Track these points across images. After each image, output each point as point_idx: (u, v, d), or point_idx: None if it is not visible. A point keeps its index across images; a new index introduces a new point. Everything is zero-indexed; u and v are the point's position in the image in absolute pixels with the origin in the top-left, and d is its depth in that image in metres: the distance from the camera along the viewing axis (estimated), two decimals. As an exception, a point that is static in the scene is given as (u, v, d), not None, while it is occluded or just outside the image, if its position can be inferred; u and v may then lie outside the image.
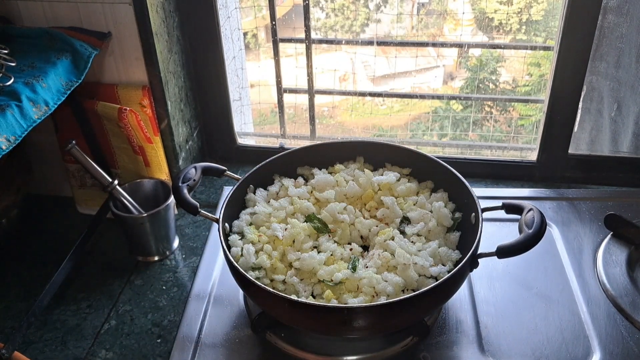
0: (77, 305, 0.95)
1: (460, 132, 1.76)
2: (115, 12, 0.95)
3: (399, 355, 0.83)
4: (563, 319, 0.88)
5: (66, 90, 0.86)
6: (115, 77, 1.02)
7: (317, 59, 1.22)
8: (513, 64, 2.19)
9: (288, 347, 0.85)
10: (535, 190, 1.15)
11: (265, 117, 1.93)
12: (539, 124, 1.18)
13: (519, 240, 0.74)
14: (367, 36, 2.33)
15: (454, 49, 1.87)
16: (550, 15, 1.35)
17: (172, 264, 1.03)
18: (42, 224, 1.13)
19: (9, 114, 0.76)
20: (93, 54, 0.92)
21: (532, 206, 0.78)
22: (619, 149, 1.16)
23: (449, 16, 1.54)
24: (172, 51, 1.06)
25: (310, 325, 0.78)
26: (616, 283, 0.92)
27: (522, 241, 0.74)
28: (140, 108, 1.01)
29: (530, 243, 0.74)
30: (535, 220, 0.75)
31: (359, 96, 1.34)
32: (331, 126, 1.73)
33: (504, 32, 1.53)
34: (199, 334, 0.88)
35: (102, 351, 0.87)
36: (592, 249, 0.99)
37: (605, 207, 1.07)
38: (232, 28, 1.20)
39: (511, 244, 0.75)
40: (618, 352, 0.82)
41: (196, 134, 1.22)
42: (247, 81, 1.34)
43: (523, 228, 0.76)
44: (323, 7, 2.00)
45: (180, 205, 0.80)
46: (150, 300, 0.95)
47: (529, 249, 0.74)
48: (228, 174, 0.90)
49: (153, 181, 1.05)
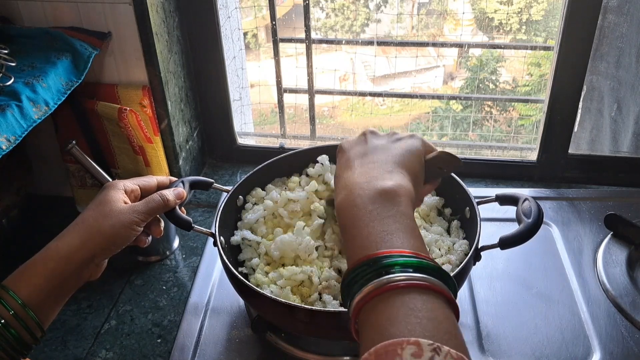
0: (77, 305, 0.95)
1: (460, 132, 1.76)
2: (115, 12, 0.95)
3: (399, 355, 0.83)
4: (563, 318, 0.88)
5: (66, 90, 0.86)
6: (115, 77, 1.02)
7: (317, 59, 1.22)
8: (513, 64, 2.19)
9: (288, 347, 0.85)
10: (535, 190, 1.15)
11: (265, 117, 1.93)
12: (539, 124, 1.18)
13: (521, 230, 0.74)
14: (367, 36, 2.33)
15: (454, 49, 1.87)
16: (550, 15, 1.35)
17: (172, 264, 1.03)
18: (42, 224, 1.13)
19: (9, 114, 0.76)
20: (93, 54, 0.92)
21: (527, 196, 0.78)
22: (619, 149, 1.16)
23: (449, 16, 1.55)
24: (172, 51, 1.06)
25: (316, 332, 0.77)
26: (616, 283, 0.92)
27: (524, 230, 0.74)
28: (140, 108, 1.01)
29: (531, 231, 0.74)
30: (533, 209, 0.75)
31: (359, 96, 1.34)
32: (331, 126, 1.73)
33: (504, 32, 1.53)
34: (199, 334, 0.88)
35: (102, 351, 0.87)
36: (592, 249, 1.00)
37: (605, 207, 1.07)
38: (232, 28, 1.20)
39: (513, 234, 0.75)
40: (618, 352, 0.82)
41: (196, 134, 1.22)
42: (247, 81, 1.34)
43: (522, 218, 0.76)
44: (323, 7, 2.01)
45: (172, 222, 0.79)
46: (151, 300, 0.95)
47: (531, 237, 0.74)
48: (216, 186, 0.89)
49: (153, 181, 1.05)
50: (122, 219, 0.69)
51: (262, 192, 0.94)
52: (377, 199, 0.56)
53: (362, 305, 0.48)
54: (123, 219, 0.69)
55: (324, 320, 0.73)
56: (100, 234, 0.68)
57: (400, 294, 0.47)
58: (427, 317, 0.45)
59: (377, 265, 0.49)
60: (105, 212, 0.69)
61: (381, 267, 0.48)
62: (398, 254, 0.50)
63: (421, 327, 0.44)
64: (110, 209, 0.70)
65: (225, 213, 0.88)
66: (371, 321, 0.47)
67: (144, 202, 0.73)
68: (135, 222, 0.70)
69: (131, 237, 0.71)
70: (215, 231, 0.83)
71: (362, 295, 0.48)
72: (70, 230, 0.68)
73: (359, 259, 0.51)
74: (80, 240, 0.67)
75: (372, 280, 0.48)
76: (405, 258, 0.49)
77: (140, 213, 0.71)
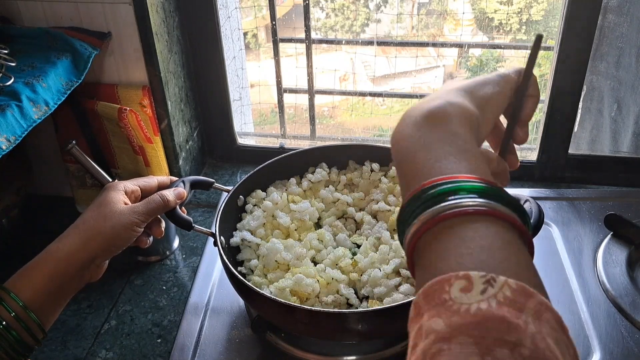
0: (77, 305, 0.95)
1: (460, 132, 1.76)
2: (115, 12, 0.95)
3: (399, 355, 0.83)
4: (563, 318, 0.87)
5: (66, 90, 0.86)
6: (115, 77, 1.02)
7: (317, 59, 1.22)
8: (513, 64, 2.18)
9: (288, 347, 0.85)
10: (535, 190, 1.15)
11: (265, 117, 1.93)
12: (539, 124, 1.18)
13: None
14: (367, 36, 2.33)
15: (454, 49, 1.87)
16: (550, 15, 1.35)
17: (172, 264, 1.03)
18: (42, 224, 1.13)
19: (9, 114, 0.76)
20: (93, 54, 0.92)
21: (527, 197, 0.79)
22: (619, 149, 1.16)
23: (449, 16, 1.54)
24: (172, 51, 1.06)
25: (315, 332, 0.78)
26: (616, 283, 0.92)
27: None
28: (140, 108, 1.01)
29: (534, 232, 0.74)
30: (533, 210, 0.75)
31: (359, 96, 1.34)
32: (331, 126, 1.73)
33: (504, 32, 1.53)
34: (199, 334, 0.88)
35: (102, 351, 0.87)
36: (592, 249, 0.99)
37: (605, 207, 1.07)
38: (232, 28, 1.20)
39: None
40: (618, 352, 0.82)
41: (196, 134, 1.22)
42: (247, 81, 1.34)
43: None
44: (323, 7, 2.01)
45: (173, 221, 0.79)
46: (151, 300, 0.95)
47: (533, 237, 0.74)
48: (216, 186, 0.89)
49: (153, 181, 1.05)
50: (123, 220, 0.69)
51: (262, 193, 0.94)
52: (423, 123, 0.49)
53: (415, 243, 0.43)
54: (123, 220, 0.69)
55: (324, 320, 0.73)
56: (100, 236, 0.68)
57: (449, 225, 0.41)
58: (479, 245, 0.39)
59: (423, 198, 0.43)
60: (106, 213, 0.69)
61: (428, 199, 0.42)
62: (447, 180, 0.43)
63: (472, 258, 0.38)
64: (111, 211, 0.70)
65: (226, 213, 0.88)
66: (422, 259, 0.42)
67: (144, 202, 0.73)
68: (135, 223, 0.70)
69: (132, 238, 0.71)
70: (216, 231, 0.83)
71: (411, 234, 0.43)
72: (71, 231, 0.68)
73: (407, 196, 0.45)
74: (80, 241, 0.67)
75: (419, 215, 0.42)
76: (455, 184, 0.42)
77: (141, 214, 0.71)
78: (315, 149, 1.00)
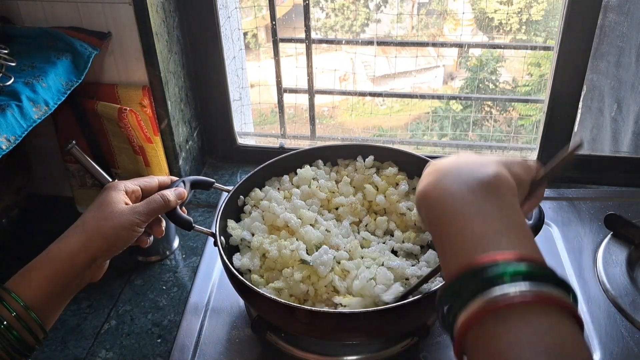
0: (77, 305, 0.95)
1: (460, 132, 1.76)
2: (115, 12, 0.95)
3: (399, 355, 0.83)
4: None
5: (66, 90, 0.86)
6: (115, 77, 1.02)
7: (317, 59, 1.22)
8: (513, 64, 2.19)
9: (288, 347, 0.85)
10: (536, 190, 1.15)
11: (265, 117, 1.94)
12: (539, 124, 1.18)
13: None
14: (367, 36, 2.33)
15: (454, 49, 1.87)
16: (550, 15, 1.35)
17: (172, 264, 1.03)
18: (42, 224, 1.13)
19: (9, 113, 0.76)
20: (93, 54, 0.92)
21: None
22: (619, 149, 1.16)
23: (449, 16, 1.55)
24: (172, 51, 1.06)
25: (315, 332, 0.77)
26: (616, 283, 0.92)
27: None
28: (140, 108, 1.01)
29: (534, 232, 0.74)
30: (534, 211, 0.75)
31: (359, 96, 1.34)
32: (331, 126, 1.73)
33: (504, 32, 1.53)
34: (199, 334, 0.88)
35: (102, 351, 0.87)
36: (592, 249, 0.99)
37: (605, 207, 1.07)
38: (232, 28, 1.20)
39: None
40: (618, 352, 0.82)
41: (196, 134, 1.22)
42: (247, 81, 1.34)
43: None
44: (323, 7, 2.01)
45: (173, 221, 0.79)
46: (151, 300, 0.95)
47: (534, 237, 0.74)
48: (217, 186, 0.89)
49: (153, 181, 1.05)
50: (123, 221, 0.69)
51: (260, 193, 0.94)
52: (477, 189, 0.47)
53: (470, 326, 0.41)
54: (124, 220, 0.69)
55: (324, 320, 0.73)
56: (101, 236, 0.68)
57: (518, 312, 0.40)
58: (552, 337, 0.38)
59: (482, 275, 0.41)
60: (106, 213, 0.69)
61: (488, 279, 0.41)
62: (509, 260, 0.42)
63: (547, 352, 0.38)
64: (111, 211, 0.69)
65: (226, 213, 0.88)
66: (485, 346, 0.40)
67: (145, 202, 0.73)
68: (136, 224, 0.70)
69: (132, 238, 0.71)
70: (216, 231, 0.83)
71: (468, 315, 0.41)
72: (72, 232, 0.68)
73: (459, 267, 0.43)
74: (81, 242, 0.67)
75: (478, 295, 0.41)
76: (519, 265, 0.41)
77: (141, 214, 0.71)
78: (315, 149, 1.00)
